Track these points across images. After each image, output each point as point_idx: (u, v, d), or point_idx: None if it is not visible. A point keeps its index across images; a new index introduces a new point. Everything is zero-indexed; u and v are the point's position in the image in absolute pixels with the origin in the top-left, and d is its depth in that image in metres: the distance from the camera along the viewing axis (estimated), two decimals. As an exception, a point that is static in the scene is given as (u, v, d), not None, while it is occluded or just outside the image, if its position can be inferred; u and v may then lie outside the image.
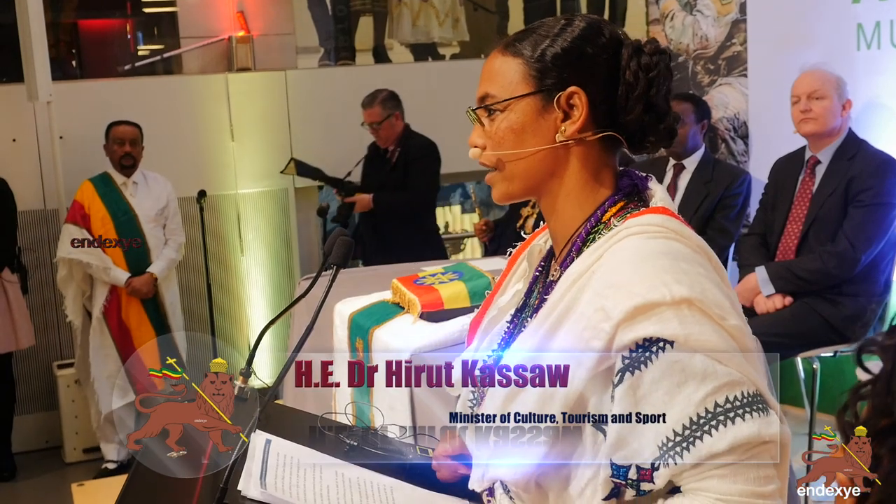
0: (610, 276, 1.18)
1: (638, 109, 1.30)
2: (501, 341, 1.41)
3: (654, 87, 1.31)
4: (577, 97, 1.29)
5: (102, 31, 7.23)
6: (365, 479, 1.42)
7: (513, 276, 1.51)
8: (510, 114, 1.31)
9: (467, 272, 2.75)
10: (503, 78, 1.33)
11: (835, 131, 3.72)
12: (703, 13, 4.97)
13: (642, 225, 1.24)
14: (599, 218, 1.31)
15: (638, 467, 1.14)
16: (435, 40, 6.58)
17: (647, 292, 1.14)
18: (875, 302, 3.67)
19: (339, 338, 2.85)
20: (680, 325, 1.13)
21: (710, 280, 1.19)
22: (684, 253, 1.21)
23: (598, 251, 1.24)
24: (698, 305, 1.14)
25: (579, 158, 1.32)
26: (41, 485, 4.87)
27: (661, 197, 1.32)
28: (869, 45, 4.06)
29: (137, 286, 4.72)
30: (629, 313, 1.13)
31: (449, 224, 7.90)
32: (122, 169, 4.83)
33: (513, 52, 1.34)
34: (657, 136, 1.34)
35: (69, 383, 5.04)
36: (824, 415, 4.02)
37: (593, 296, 1.18)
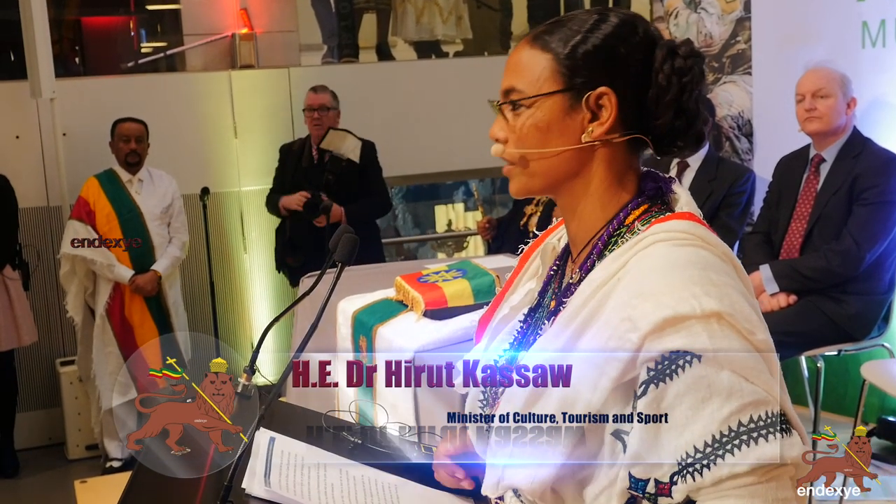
0: (637, 285, 1.15)
1: (668, 114, 1.26)
2: (514, 341, 1.39)
3: (686, 92, 1.26)
4: (606, 98, 1.25)
5: (106, 29, 7.23)
6: (369, 477, 1.42)
7: (524, 274, 1.48)
8: (536, 111, 1.27)
9: (471, 270, 2.74)
10: (531, 72, 1.28)
11: (839, 129, 3.71)
12: (707, 11, 4.96)
13: (669, 231, 1.21)
14: (622, 221, 1.28)
15: (656, 481, 1.12)
16: (438, 38, 6.57)
17: (677, 304, 1.11)
18: (879, 300, 3.67)
19: (342, 335, 2.85)
20: (709, 339, 1.10)
21: (738, 291, 1.16)
22: (712, 262, 1.18)
23: (622, 257, 1.20)
24: (728, 319, 1.11)
25: (604, 160, 1.28)
26: (44, 482, 4.87)
27: (686, 201, 1.29)
28: (874, 43, 4.05)
29: (141, 284, 4.72)
30: (657, 325, 1.10)
31: (452, 222, 7.90)
32: (128, 166, 4.83)
33: (542, 45, 1.28)
34: (685, 140, 1.30)
35: (72, 380, 5.04)
36: (828, 413, 4.02)
37: (619, 304, 1.15)
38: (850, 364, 4.00)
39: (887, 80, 4.02)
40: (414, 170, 5.56)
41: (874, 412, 4.04)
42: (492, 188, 7.53)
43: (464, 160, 5.81)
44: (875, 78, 4.04)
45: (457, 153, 5.80)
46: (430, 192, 7.83)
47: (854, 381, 3.89)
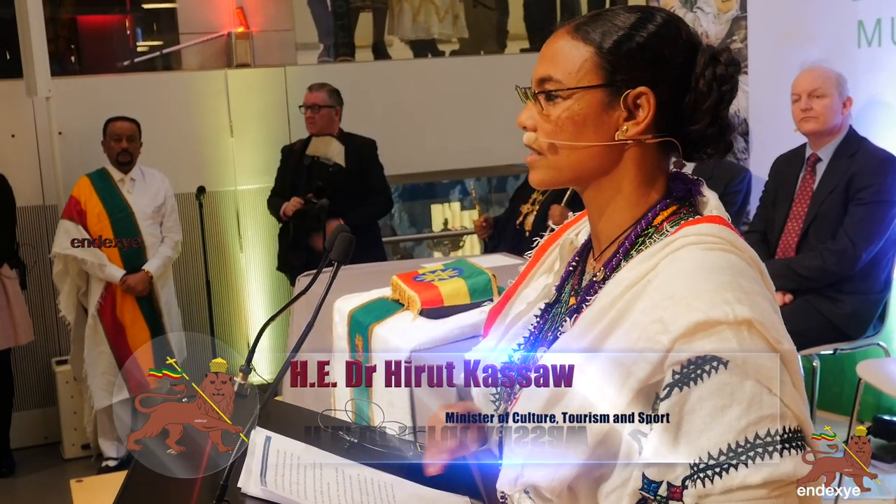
0: (668, 287, 1.14)
1: (705, 121, 1.25)
2: (530, 336, 1.38)
3: (724, 101, 1.26)
4: (644, 98, 1.24)
5: (101, 27, 7.23)
6: (365, 476, 1.42)
7: (539, 269, 1.47)
8: (574, 103, 1.25)
9: (467, 269, 2.74)
10: (570, 63, 1.25)
11: (835, 129, 3.72)
12: (703, 10, 4.96)
13: (700, 235, 1.20)
14: (650, 221, 1.27)
15: (669, 484, 1.11)
16: (435, 37, 6.57)
17: (709, 309, 1.10)
18: (875, 299, 3.67)
19: (338, 335, 2.85)
20: (739, 346, 1.09)
21: (766, 298, 1.16)
22: (741, 267, 1.18)
23: (653, 258, 1.19)
24: (758, 328, 1.11)
25: (634, 159, 1.27)
26: (40, 481, 4.87)
27: (715, 205, 1.28)
28: (870, 43, 4.06)
29: (132, 284, 4.71)
30: (689, 329, 1.10)
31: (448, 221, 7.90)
32: (120, 165, 4.82)
33: (583, 37, 1.26)
34: (716, 148, 1.29)
35: (68, 379, 5.04)
36: (825, 412, 4.03)
37: (650, 306, 1.14)
38: (845, 363, 4.01)
39: (883, 79, 4.03)
40: (410, 169, 5.56)
41: (870, 411, 4.05)
42: (488, 187, 7.53)
43: (460, 159, 5.81)
44: (871, 77, 4.05)
45: (453, 152, 5.80)
46: (426, 191, 7.83)
47: (850, 380, 3.90)
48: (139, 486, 1.28)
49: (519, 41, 6.90)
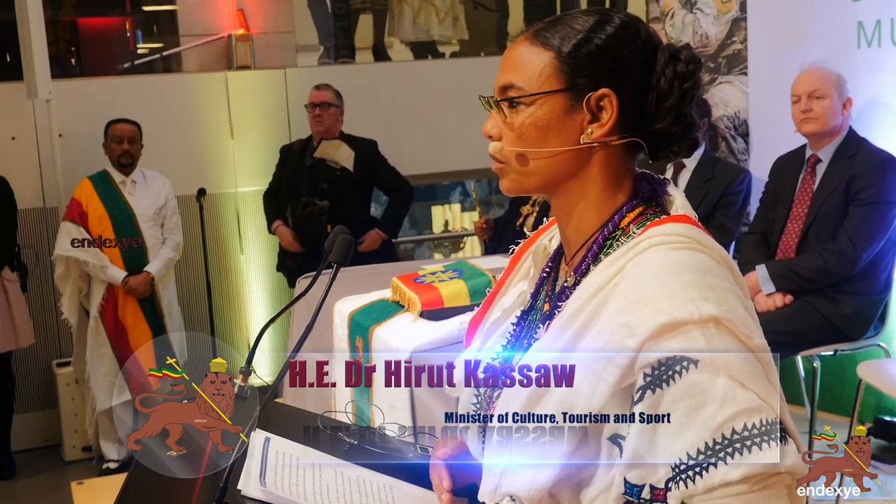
0: (634, 290, 1.14)
1: (668, 119, 1.26)
2: (507, 343, 1.38)
3: (686, 98, 1.26)
4: (607, 100, 1.24)
5: (102, 29, 7.23)
6: (364, 478, 1.42)
7: (515, 276, 1.46)
8: (537, 109, 1.25)
9: (467, 270, 2.74)
10: (530, 69, 1.26)
11: (835, 130, 3.72)
12: (703, 11, 4.96)
13: (665, 235, 1.20)
14: (617, 224, 1.27)
15: (652, 487, 1.11)
16: (435, 38, 6.57)
17: (675, 310, 1.10)
18: (876, 300, 3.67)
19: (338, 336, 2.85)
20: (706, 344, 1.09)
21: (735, 295, 1.16)
22: (709, 265, 1.17)
23: (619, 261, 1.19)
24: (725, 324, 1.11)
25: (600, 162, 1.27)
26: (40, 483, 4.87)
27: (681, 204, 1.28)
28: (869, 43, 4.06)
29: (134, 285, 4.71)
30: (655, 331, 1.09)
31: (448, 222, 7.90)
32: (121, 167, 4.83)
33: (542, 42, 1.26)
34: (681, 146, 1.29)
35: (68, 381, 5.04)
36: (825, 413, 4.02)
37: (617, 310, 1.14)
38: (846, 364, 4.01)
39: (883, 80, 4.03)
40: (411, 170, 5.55)
41: (870, 412, 4.05)
42: (489, 188, 7.53)
43: (460, 161, 5.82)
44: (871, 78, 4.05)
45: (453, 154, 5.80)
46: (426, 192, 7.82)
47: (850, 381, 3.90)
48: (139, 489, 1.28)
49: (519, 43, 6.90)
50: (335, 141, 4.97)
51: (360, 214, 5.04)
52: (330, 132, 4.97)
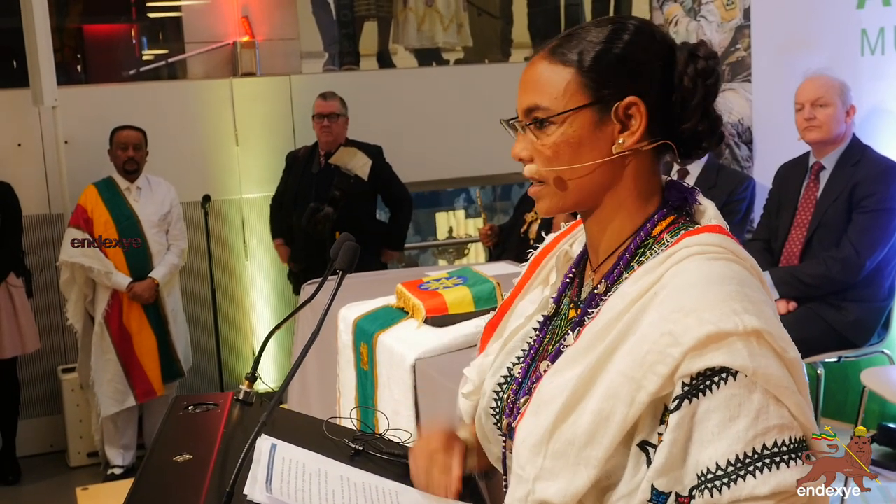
0: (676, 300, 1.14)
1: (696, 117, 1.26)
2: (529, 349, 1.38)
3: (711, 94, 1.26)
4: (635, 107, 1.24)
5: (107, 36, 7.25)
6: (370, 484, 1.42)
7: (535, 281, 1.46)
8: (567, 127, 1.24)
9: (472, 277, 2.75)
10: (554, 88, 1.25)
11: (839, 137, 3.72)
12: (707, 19, 4.97)
13: (702, 245, 1.20)
14: (649, 232, 1.27)
15: (677, 494, 1.12)
16: (439, 45, 6.59)
17: (719, 321, 1.10)
18: (879, 307, 3.67)
19: (343, 343, 2.86)
20: (749, 357, 1.10)
21: (770, 307, 1.17)
22: (745, 277, 1.18)
23: (656, 270, 1.19)
24: (766, 338, 1.11)
25: (633, 169, 1.27)
26: (45, 489, 4.88)
27: (713, 214, 1.28)
28: (873, 51, 4.07)
29: (139, 291, 4.73)
30: (701, 341, 1.10)
31: (453, 229, 7.91)
32: (126, 174, 4.85)
33: (561, 59, 1.26)
34: (710, 142, 1.29)
35: (73, 387, 5.05)
36: (829, 420, 4.02)
37: (658, 319, 1.14)
38: (850, 371, 4.01)
39: (886, 87, 4.03)
40: (415, 177, 5.57)
41: (874, 419, 4.04)
42: (493, 195, 7.54)
43: (465, 167, 5.83)
44: (874, 85, 4.05)
45: (458, 160, 5.81)
46: (431, 199, 7.84)
47: (854, 388, 3.89)
48: (145, 495, 1.29)
49: (523, 50, 6.92)
50: (350, 148, 4.99)
51: (369, 222, 5.06)
52: (337, 141, 5.00)
